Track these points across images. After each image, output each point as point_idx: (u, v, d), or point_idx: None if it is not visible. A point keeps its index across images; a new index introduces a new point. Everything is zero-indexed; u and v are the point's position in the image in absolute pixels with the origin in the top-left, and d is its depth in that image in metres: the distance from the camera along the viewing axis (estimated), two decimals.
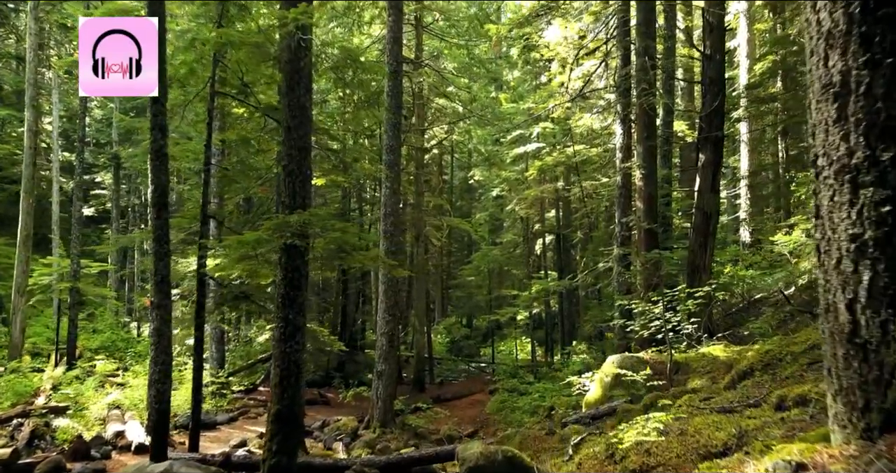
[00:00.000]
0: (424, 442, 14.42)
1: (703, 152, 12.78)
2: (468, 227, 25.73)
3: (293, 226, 6.69)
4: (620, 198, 13.59)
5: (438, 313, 38.69)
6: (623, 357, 8.97)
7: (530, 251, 27.51)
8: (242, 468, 8.42)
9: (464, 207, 41.01)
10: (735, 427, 3.41)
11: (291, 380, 6.95)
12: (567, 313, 26.37)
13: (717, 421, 3.69)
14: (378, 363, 14.57)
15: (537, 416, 16.26)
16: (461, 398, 20.46)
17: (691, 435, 3.58)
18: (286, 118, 7.33)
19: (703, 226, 12.56)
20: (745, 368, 5.86)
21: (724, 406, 4.48)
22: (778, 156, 23.60)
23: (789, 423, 3.24)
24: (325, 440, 13.32)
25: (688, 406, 4.87)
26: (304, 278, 7.18)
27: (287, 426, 6.88)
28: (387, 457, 8.64)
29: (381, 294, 14.73)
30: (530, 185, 24.42)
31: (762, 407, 4.00)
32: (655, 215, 13.05)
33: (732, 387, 5.79)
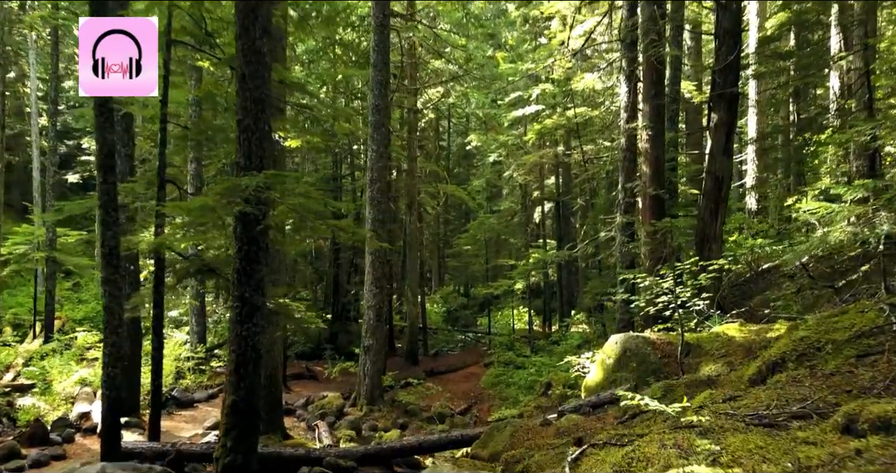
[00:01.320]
0: (414, 420, 13.69)
1: (715, 111, 11.71)
2: (464, 195, 24.70)
3: (246, 190, 5.71)
4: (624, 161, 12.55)
5: (435, 282, 37.93)
6: (627, 336, 8.08)
7: (528, 219, 26.52)
8: (203, 459, 7.60)
9: (461, 174, 39.90)
10: (791, 462, 2.51)
11: (249, 367, 6.07)
12: (566, 282, 25.53)
13: (762, 447, 2.79)
14: (365, 337, 13.76)
15: (533, 393, 15.52)
16: (455, 371, 19.75)
17: (728, 467, 2.68)
18: (241, 65, 6.28)
19: (715, 192, 11.57)
20: (776, 358, 4.95)
21: (760, 414, 3.57)
22: (789, 119, 22.49)
23: (871, 459, 2.34)
24: (308, 419, 12.55)
25: (711, 411, 3.97)
26: (264, 251, 6.24)
27: (245, 419, 6.01)
28: (364, 448, 7.82)
29: (369, 265, 13.82)
30: (529, 150, 23.33)
31: (816, 423, 3.11)
32: (662, 180, 12.05)
33: (761, 382, 4.89)
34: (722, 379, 6.04)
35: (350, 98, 25.88)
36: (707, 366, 6.87)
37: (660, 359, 7.60)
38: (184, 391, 13.83)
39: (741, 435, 3.06)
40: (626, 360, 7.79)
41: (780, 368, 4.87)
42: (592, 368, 8.52)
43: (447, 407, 14.63)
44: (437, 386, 16.24)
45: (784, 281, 13.66)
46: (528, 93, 21.58)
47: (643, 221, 11.81)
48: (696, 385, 6.02)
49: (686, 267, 7.67)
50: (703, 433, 3.35)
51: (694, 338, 7.79)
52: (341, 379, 16.08)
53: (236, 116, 6.22)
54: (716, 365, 6.75)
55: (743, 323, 8.21)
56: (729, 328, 7.96)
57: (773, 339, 6.77)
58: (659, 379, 7.37)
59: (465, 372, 19.76)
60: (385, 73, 13.86)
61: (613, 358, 7.96)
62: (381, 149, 13.73)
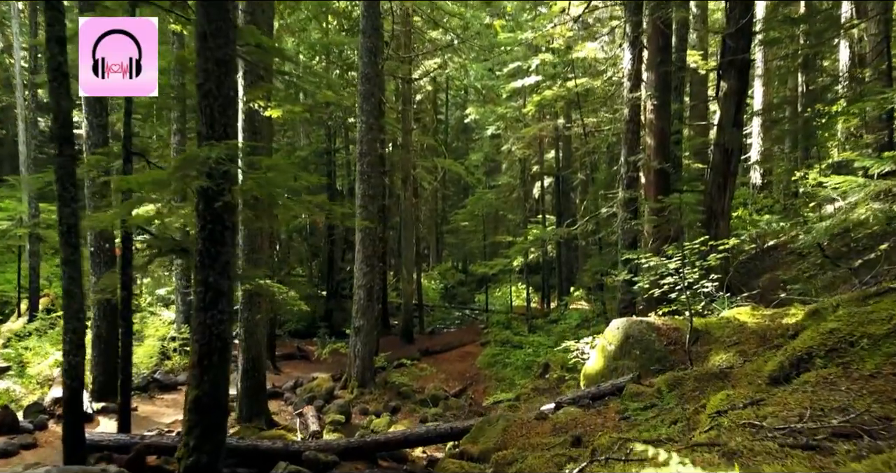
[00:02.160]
0: (407, 403, 13.21)
1: (725, 79, 11.00)
2: (461, 170, 23.97)
3: (205, 162, 5.07)
4: (627, 133, 11.85)
5: (433, 258, 37.40)
6: (630, 322, 7.51)
7: (527, 194, 25.82)
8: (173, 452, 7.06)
9: (460, 148, 39.09)
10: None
11: (214, 359, 5.49)
12: (565, 259, 24.96)
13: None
14: (355, 318, 13.22)
15: (530, 374, 15.04)
16: (451, 350, 19.27)
17: None
18: (201, 21, 5.58)
19: (723, 165, 10.92)
20: (801, 352, 4.37)
21: (794, 429, 2.99)
22: (797, 90, 21.69)
23: None
24: (296, 403, 12.06)
25: (733, 421, 3.38)
26: (230, 230, 5.62)
27: (209, 416, 5.46)
28: (347, 441, 7.30)
29: (359, 243, 13.22)
30: (528, 123, 22.55)
31: (869, 447, 2.53)
32: (668, 153, 11.38)
33: (784, 380, 4.31)
34: (736, 372, 5.47)
35: (344, 69, 24.99)
36: (717, 355, 6.31)
37: (665, 347, 7.04)
38: (167, 373, 13.33)
39: (778, 465, 2.48)
40: (629, 347, 7.23)
41: (806, 365, 4.28)
42: (592, 355, 7.97)
43: (441, 389, 14.15)
44: (431, 367, 15.76)
45: (792, 259, 13.07)
46: (528, 63, 20.74)
47: (647, 197, 11.17)
48: (707, 378, 5.46)
49: (695, 246, 7.06)
50: (727, 455, 2.77)
51: (702, 324, 7.21)
52: (333, 360, 15.59)
53: (196, 80, 5.54)
54: (727, 355, 6.19)
55: (755, 306, 7.63)
56: (740, 312, 7.38)
57: (790, 327, 6.20)
58: (664, 369, 6.82)
59: (461, 351, 19.29)
60: (375, 39, 13.07)
61: (615, 345, 7.40)
62: (372, 120, 13.02)
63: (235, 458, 7.13)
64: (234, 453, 7.08)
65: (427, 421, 12.29)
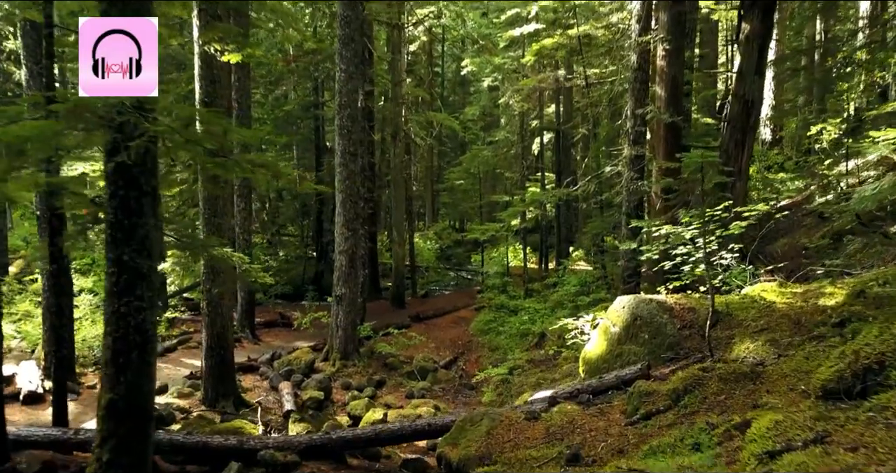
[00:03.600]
0: (394, 376, 12.35)
1: (747, 20, 9.72)
2: (455, 124, 22.65)
3: (106, 110, 3.95)
4: (635, 83, 10.60)
5: (429, 218, 36.37)
6: (637, 300, 6.49)
7: (526, 151, 24.53)
8: None
9: (457, 102, 37.59)
10: None
11: (133, 355, 4.49)
12: (564, 218, 23.86)
13: None
14: (337, 286, 12.24)
15: (525, 343, 14.18)
16: (444, 315, 18.41)
17: None
18: None
19: (742, 118, 9.76)
20: (869, 360, 3.34)
21: None
22: (815, 39, 20.24)
23: None
24: (272, 377, 11.18)
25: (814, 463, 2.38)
26: (149, 197, 4.54)
27: (127, 424, 4.49)
28: (310, 438, 6.36)
29: (339, 204, 12.13)
30: (527, 74, 21.15)
31: None
32: (680, 105, 10.19)
33: (846, 396, 3.29)
34: (770, 370, 4.47)
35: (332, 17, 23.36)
36: (742, 344, 5.31)
37: (678, 331, 6.05)
38: None
39: None
40: (636, 330, 6.24)
41: (876, 378, 3.26)
42: (593, 336, 6.99)
43: (431, 360, 13.30)
44: (421, 335, 14.89)
45: (811, 221, 12.02)
46: (527, 9, 19.26)
47: (656, 154, 10.04)
48: (735, 378, 4.46)
49: (717, 213, 5.99)
50: None
51: (722, 303, 6.19)
52: (317, 328, 14.69)
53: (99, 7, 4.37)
54: (754, 344, 5.19)
55: (783, 282, 6.59)
56: (765, 289, 6.35)
57: (832, 311, 5.18)
58: (677, 357, 5.84)
59: (454, 315, 18.43)
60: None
61: (620, 326, 6.41)
62: (352, 68, 11.74)
63: (183, 455, 6.24)
64: (181, 450, 6.18)
65: (413, 397, 11.46)
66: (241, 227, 14.22)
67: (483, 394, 10.85)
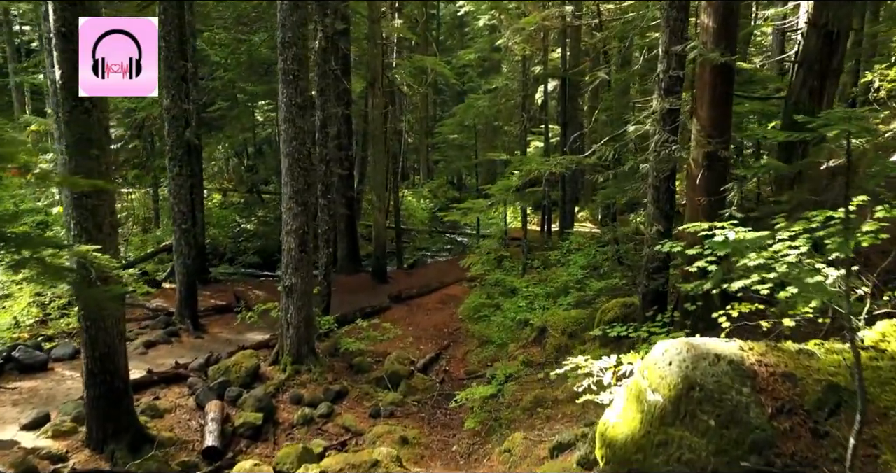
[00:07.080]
0: (358, 383, 9.98)
1: None
2: (446, 70, 19.72)
3: None
4: (671, 10, 7.77)
5: (424, 174, 33.68)
6: (694, 354, 3.95)
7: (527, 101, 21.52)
8: None
9: (454, 46, 34.26)
10: None
11: None
12: (570, 177, 21.04)
13: None
14: (285, 275, 9.80)
15: (522, 337, 11.77)
16: (430, 293, 16.05)
17: None
18: None
19: (821, 56, 7.07)
20: None
21: None
22: None
23: None
24: (201, 391, 8.84)
25: None
26: None
27: None
28: None
29: (285, 172, 9.53)
30: (529, 11, 18.12)
31: None
32: (734, 39, 7.42)
33: None
34: None
35: None
36: None
37: (769, 418, 3.55)
38: (37, 345, 9.99)
39: None
40: (694, 406, 3.76)
41: None
42: (619, 399, 4.49)
43: (406, 360, 10.96)
44: (398, 324, 12.56)
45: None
46: None
47: (699, 107, 7.34)
48: None
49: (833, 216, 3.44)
50: None
51: (834, 364, 3.69)
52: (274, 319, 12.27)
53: None
54: None
55: None
56: None
57: None
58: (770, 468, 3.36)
59: (441, 293, 16.06)
60: None
61: (665, 396, 3.92)
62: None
63: None
64: None
65: (379, 416, 9.12)
66: (175, 197, 11.71)
67: (466, 420, 8.54)
